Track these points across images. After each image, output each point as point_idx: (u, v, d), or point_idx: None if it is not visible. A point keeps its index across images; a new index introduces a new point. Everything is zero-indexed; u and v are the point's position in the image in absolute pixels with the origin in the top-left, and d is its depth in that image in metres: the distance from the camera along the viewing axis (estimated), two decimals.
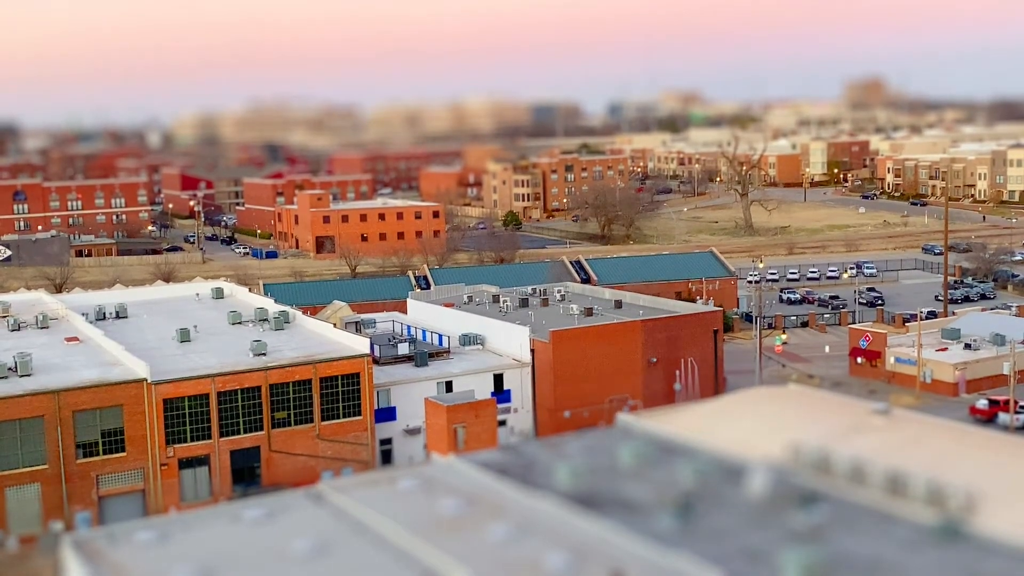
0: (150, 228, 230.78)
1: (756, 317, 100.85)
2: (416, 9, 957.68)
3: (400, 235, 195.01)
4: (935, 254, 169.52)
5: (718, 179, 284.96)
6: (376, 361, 79.28)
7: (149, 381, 69.00)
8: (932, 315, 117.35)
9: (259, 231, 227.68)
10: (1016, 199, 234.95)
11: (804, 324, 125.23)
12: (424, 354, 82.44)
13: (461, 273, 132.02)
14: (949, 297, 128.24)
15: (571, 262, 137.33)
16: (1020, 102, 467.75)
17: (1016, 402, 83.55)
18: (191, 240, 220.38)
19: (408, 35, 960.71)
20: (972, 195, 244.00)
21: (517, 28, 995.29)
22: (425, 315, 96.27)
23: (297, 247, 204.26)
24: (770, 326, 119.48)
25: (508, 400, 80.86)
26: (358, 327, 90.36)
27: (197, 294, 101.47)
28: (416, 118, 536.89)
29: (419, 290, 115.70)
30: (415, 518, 34.79)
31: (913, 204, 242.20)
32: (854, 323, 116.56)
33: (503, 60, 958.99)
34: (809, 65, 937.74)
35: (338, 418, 73.89)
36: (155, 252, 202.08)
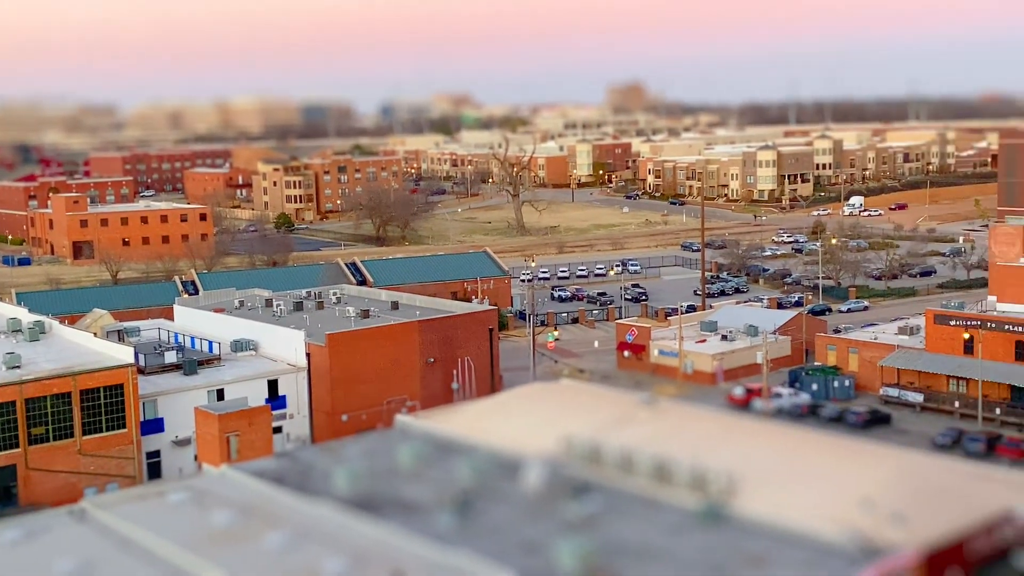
0: None
1: (529, 315, 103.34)
2: (176, 6, 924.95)
3: (165, 239, 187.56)
4: (693, 251, 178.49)
5: (490, 180, 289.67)
6: (141, 371, 76.14)
7: None
8: (691, 309, 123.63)
9: (10, 237, 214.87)
10: (766, 198, 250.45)
11: (575, 320, 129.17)
12: (193, 362, 79.74)
13: (231, 277, 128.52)
14: (707, 291, 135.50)
15: (346, 264, 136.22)
16: (768, 106, 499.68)
17: (769, 389, 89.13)
18: None
19: (169, 32, 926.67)
20: (726, 194, 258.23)
21: (284, 26, 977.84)
22: (194, 322, 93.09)
23: (52, 253, 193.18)
24: (543, 323, 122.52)
25: (284, 406, 79.37)
26: (121, 336, 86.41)
27: None
28: (180, 117, 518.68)
29: (187, 296, 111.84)
30: (186, 532, 33.62)
31: (672, 203, 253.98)
32: (620, 318, 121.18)
33: (270, 59, 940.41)
34: (573, 70, 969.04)
35: (101, 432, 70.51)
36: None
